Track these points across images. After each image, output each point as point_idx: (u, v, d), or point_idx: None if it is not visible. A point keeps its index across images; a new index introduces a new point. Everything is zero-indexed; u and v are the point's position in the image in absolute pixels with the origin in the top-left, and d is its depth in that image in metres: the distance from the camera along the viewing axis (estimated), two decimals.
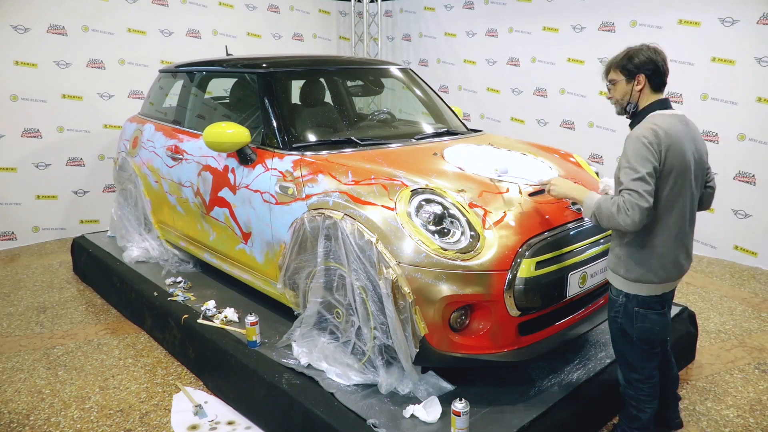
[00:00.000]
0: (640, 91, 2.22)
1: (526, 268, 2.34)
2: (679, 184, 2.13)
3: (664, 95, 2.25)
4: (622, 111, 2.31)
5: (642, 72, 2.18)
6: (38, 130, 5.51)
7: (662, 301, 2.26)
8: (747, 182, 4.88)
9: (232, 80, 3.94)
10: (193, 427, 2.76)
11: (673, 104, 2.29)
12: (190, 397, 2.97)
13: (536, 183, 2.70)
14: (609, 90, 2.32)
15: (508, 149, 3.18)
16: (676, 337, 3.16)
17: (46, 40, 5.39)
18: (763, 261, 4.88)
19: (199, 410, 2.85)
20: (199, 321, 3.21)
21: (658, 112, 2.18)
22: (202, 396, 3.00)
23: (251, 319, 2.92)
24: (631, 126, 2.25)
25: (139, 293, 3.75)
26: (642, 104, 2.23)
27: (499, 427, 2.30)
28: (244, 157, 3.15)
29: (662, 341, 2.41)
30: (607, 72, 2.31)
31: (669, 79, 2.26)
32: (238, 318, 3.23)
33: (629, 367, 2.34)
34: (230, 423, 2.78)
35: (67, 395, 3.05)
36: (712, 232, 5.16)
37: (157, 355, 3.47)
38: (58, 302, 4.28)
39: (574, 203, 2.61)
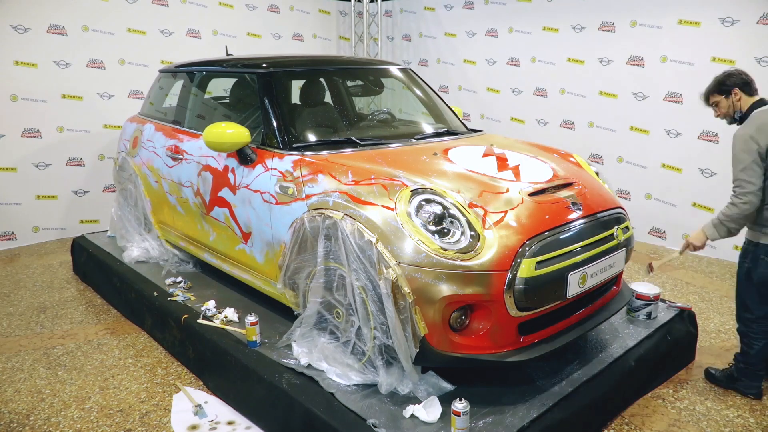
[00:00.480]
0: (739, 100, 2.82)
1: (526, 268, 2.34)
2: None
3: (758, 97, 2.81)
4: (733, 120, 2.90)
5: (734, 86, 2.82)
6: (38, 130, 5.51)
7: None
8: None
9: (232, 80, 3.94)
10: (193, 427, 2.76)
11: (669, 103, 2.36)
12: (191, 397, 2.97)
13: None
14: (714, 111, 2.93)
15: (509, 149, 3.18)
16: (676, 337, 3.16)
17: (46, 40, 5.39)
18: None
19: (199, 410, 2.85)
20: (199, 321, 3.21)
21: (757, 110, 2.75)
22: (202, 396, 3.00)
23: (251, 319, 2.92)
24: None
25: (139, 293, 3.75)
26: (744, 109, 2.82)
27: (499, 427, 2.30)
28: (244, 157, 3.15)
29: None
30: (707, 99, 2.93)
31: (669, 80, 2.33)
32: (238, 318, 3.22)
33: (744, 307, 2.89)
34: (230, 423, 2.78)
35: (67, 395, 3.05)
36: None
37: (157, 355, 3.47)
38: (58, 302, 4.28)
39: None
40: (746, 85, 2.82)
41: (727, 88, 2.83)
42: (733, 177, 2.74)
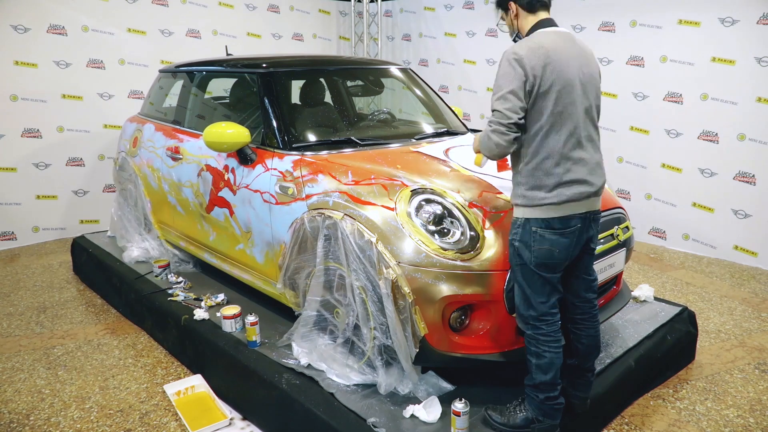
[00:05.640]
0: (516, 16, 2.22)
1: None
2: (564, 100, 2.05)
3: (545, 16, 2.20)
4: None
5: (510, 0, 2.20)
6: (38, 130, 5.51)
7: (567, 222, 2.11)
8: (747, 182, 4.88)
9: (232, 80, 3.94)
10: None
11: (669, 103, 2.25)
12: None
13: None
14: (502, 30, 2.37)
15: None
16: (675, 337, 3.16)
17: (46, 40, 5.39)
18: (763, 261, 4.88)
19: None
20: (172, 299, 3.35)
21: (539, 30, 2.14)
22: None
23: (251, 319, 2.92)
24: None
25: (139, 293, 3.75)
26: (524, 30, 2.20)
27: None
28: (244, 157, 3.15)
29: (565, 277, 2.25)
30: (496, 15, 2.36)
31: (669, 80, 2.24)
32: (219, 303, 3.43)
33: (527, 303, 2.17)
34: (244, 419, 2.80)
35: (67, 395, 3.05)
36: (712, 232, 5.16)
37: (157, 355, 3.47)
38: (58, 302, 4.28)
39: None
40: None
41: (504, 1, 2.24)
42: (491, 104, 2.08)
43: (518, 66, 2.01)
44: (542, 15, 2.19)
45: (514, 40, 2.26)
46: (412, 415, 2.35)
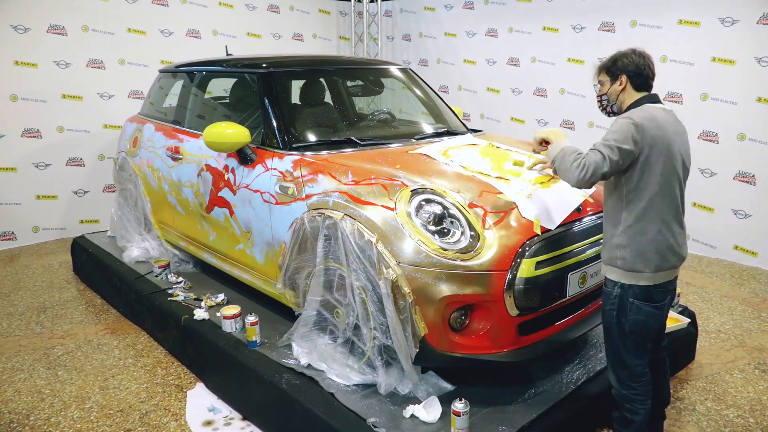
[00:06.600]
0: (623, 90, 2.28)
1: (526, 268, 2.34)
2: (668, 171, 2.13)
3: (647, 93, 2.28)
4: (604, 111, 2.42)
5: (624, 73, 2.26)
6: (38, 130, 5.51)
7: (658, 293, 2.21)
8: (747, 182, 4.88)
9: (232, 80, 3.94)
10: (208, 422, 2.78)
11: (669, 103, 2.31)
12: None
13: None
14: (597, 92, 2.43)
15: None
16: (676, 337, 3.16)
17: (46, 40, 5.39)
18: (763, 261, 4.88)
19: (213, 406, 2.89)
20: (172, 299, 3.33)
21: (648, 104, 2.21)
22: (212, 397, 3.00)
23: (251, 319, 2.92)
24: None
25: (139, 293, 3.75)
26: (624, 104, 2.29)
27: (499, 427, 2.30)
28: (244, 157, 3.15)
29: (654, 341, 2.37)
30: (597, 72, 2.41)
31: (669, 80, 2.27)
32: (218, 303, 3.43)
33: (622, 365, 2.28)
34: (244, 419, 2.80)
35: (67, 395, 3.05)
36: (712, 232, 5.16)
37: (157, 355, 3.47)
38: (58, 302, 4.28)
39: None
40: (638, 76, 2.25)
41: (616, 71, 2.28)
42: (596, 143, 2.14)
43: (637, 130, 2.09)
44: (644, 92, 2.27)
45: (606, 109, 2.40)
46: (412, 415, 2.35)
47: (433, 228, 2.41)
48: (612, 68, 2.30)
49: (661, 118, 2.16)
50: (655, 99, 2.25)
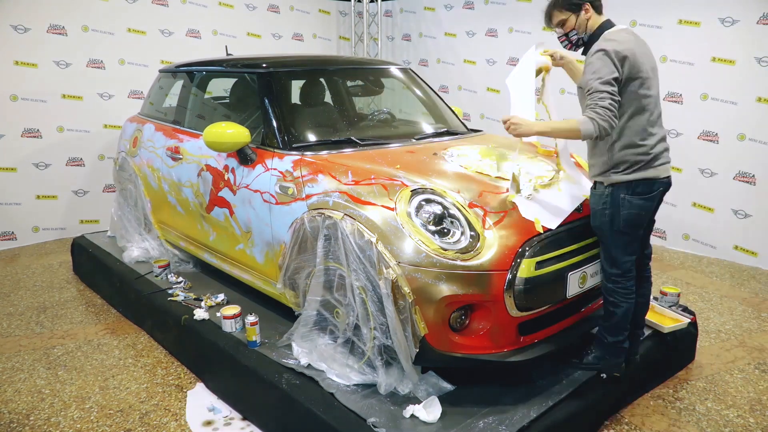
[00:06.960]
0: (590, 18, 2.45)
1: (526, 268, 2.34)
2: (646, 86, 2.35)
3: (605, 17, 2.47)
4: (575, 46, 2.54)
5: (586, 1, 2.43)
6: (38, 130, 5.51)
7: (647, 185, 2.42)
8: (747, 182, 4.88)
9: (232, 80, 3.94)
10: (208, 422, 2.77)
11: (669, 103, 2.41)
12: None
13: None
14: (558, 32, 2.53)
15: (508, 149, 3.18)
16: (676, 337, 3.16)
17: (46, 40, 5.39)
18: (763, 261, 4.88)
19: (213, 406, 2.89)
20: (195, 313, 3.28)
21: (609, 30, 2.41)
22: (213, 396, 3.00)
23: (251, 319, 2.92)
24: (585, 53, 2.47)
25: (139, 293, 3.75)
26: (592, 29, 2.45)
27: (499, 427, 2.30)
28: (244, 157, 3.15)
29: (642, 240, 2.60)
30: (549, 18, 2.52)
31: (669, 80, 2.34)
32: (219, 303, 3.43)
33: (612, 262, 2.49)
34: (244, 419, 2.80)
35: (67, 395, 3.05)
36: (712, 232, 5.16)
37: (157, 355, 3.47)
38: (58, 302, 4.28)
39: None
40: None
41: (578, 3, 2.42)
42: (592, 87, 2.28)
43: (613, 59, 2.27)
44: (604, 17, 2.47)
45: (576, 43, 2.52)
46: (412, 415, 2.35)
47: (433, 228, 2.41)
48: (573, 4, 2.44)
49: (627, 40, 2.34)
50: (611, 23, 2.45)
